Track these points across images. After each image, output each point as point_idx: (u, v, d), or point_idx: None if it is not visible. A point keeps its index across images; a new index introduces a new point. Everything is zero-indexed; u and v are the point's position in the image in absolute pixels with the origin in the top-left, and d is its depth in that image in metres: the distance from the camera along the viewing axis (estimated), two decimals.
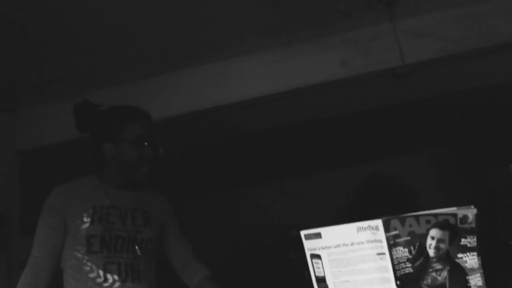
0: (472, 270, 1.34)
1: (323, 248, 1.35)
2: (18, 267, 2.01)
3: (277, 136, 3.51)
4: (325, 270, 1.35)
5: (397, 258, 1.29)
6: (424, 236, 1.30)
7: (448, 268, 1.33)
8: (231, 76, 2.80)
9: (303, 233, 1.38)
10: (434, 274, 1.31)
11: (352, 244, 1.32)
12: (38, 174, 2.93)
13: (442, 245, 1.32)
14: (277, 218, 4.47)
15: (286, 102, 2.97)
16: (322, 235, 1.35)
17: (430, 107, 3.34)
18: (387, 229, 1.28)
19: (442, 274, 1.32)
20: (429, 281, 1.31)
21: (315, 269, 1.36)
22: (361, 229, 1.30)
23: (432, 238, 1.32)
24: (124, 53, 2.49)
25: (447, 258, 1.33)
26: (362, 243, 1.30)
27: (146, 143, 1.96)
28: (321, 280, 1.36)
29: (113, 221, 1.97)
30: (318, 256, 1.36)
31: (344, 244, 1.32)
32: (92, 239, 1.92)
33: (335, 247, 1.33)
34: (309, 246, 1.37)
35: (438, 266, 1.32)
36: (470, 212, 1.34)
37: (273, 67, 2.76)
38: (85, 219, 1.93)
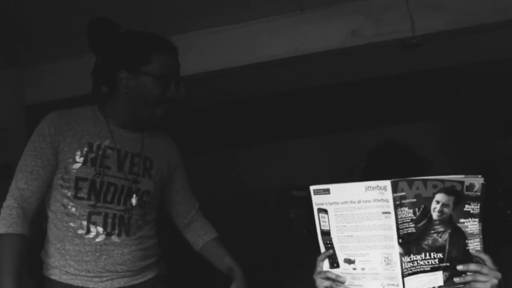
0: (472, 235, 1.38)
1: (331, 203, 1.40)
2: None
3: (284, 99, 3.51)
4: (330, 224, 1.40)
5: (402, 218, 1.32)
6: (430, 199, 1.33)
7: (449, 231, 1.35)
8: (241, 40, 2.78)
9: (312, 188, 1.44)
10: (435, 235, 1.34)
11: (359, 201, 1.35)
12: None
13: (446, 209, 1.35)
14: (279, 179, 4.51)
15: (295, 67, 2.95)
16: (331, 191, 1.40)
17: (438, 78, 3.33)
18: (394, 190, 1.31)
19: (443, 236, 1.34)
20: (430, 241, 1.34)
21: (321, 223, 1.42)
22: (369, 188, 1.34)
23: (437, 202, 1.34)
24: (133, 11, 2.42)
25: (450, 221, 1.35)
26: (369, 201, 1.34)
27: (172, 82, 1.73)
28: (326, 233, 1.41)
29: (107, 165, 1.74)
30: (325, 211, 1.41)
31: (351, 201, 1.36)
32: (81, 183, 1.70)
33: (342, 203, 1.38)
34: (317, 200, 1.43)
35: (440, 229, 1.34)
36: (477, 181, 1.37)
37: (283, 33, 2.74)
38: (77, 158, 1.70)
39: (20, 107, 3.04)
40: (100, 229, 1.73)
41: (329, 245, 1.42)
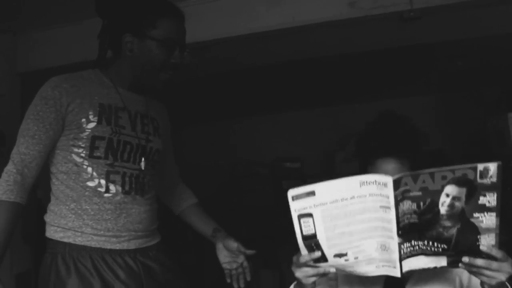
0: (488, 230, 1.25)
1: (316, 205, 1.26)
2: None
3: (279, 71, 3.50)
4: (316, 227, 1.27)
5: (403, 210, 1.23)
6: (438, 192, 1.22)
7: (458, 226, 1.25)
8: (239, 10, 2.75)
9: (290, 193, 1.27)
10: (440, 229, 1.25)
11: (352, 197, 1.25)
12: None
13: (457, 203, 1.23)
14: (273, 150, 4.53)
15: (292, 38, 2.93)
16: (317, 192, 1.26)
17: (434, 53, 3.32)
18: (397, 186, 1.21)
19: (449, 231, 1.25)
20: (434, 233, 1.25)
21: (303, 228, 1.28)
22: (365, 184, 1.23)
23: (447, 195, 1.23)
24: None
25: (461, 216, 1.24)
26: (364, 196, 1.24)
27: (177, 47, 1.73)
28: (310, 237, 1.29)
29: (122, 125, 1.75)
30: (308, 215, 1.27)
31: (342, 199, 1.25)
32: (98, 142, 1.70)
33: (331, 202, 1.26)
34: (297, 206, 1.27)
35: (447, 224, 1.25)
36: (492, 165, 1.22)
37: (281, 3, 2.71)
38: (91, 118, 1.70)
39: (14, 74, 3.01)
40: (119, 188, 1.74)
41: (315, 247, 1.30)
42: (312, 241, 1.29)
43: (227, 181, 4.56)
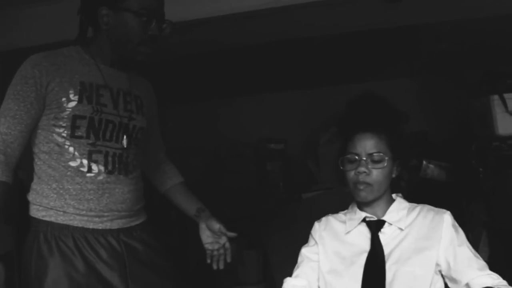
0: None
1: None
2: None
3: (263, 52, 3.48)
4: None
5: None
6: None
7: None
8: None
9: None
10: None
11: None
12: None
13: None
14: (257, 132, 4.52)
15: (276, 18, 2.91)
16: None
17: (418, 34, 3.32)
18: None
19: None
20: None
21: None
22: None
23: None
24: None
25: None
26: None
27: (154, 19, 1.69)
28: None
29: (103, 103, 1.73)
30: None
31: None
32: (79, 121, 1.68)
33: None
34: None
35: None
36: None
37: None
38: (71, 96, 1.68)
39: None
40: (102, 168, 1.73)
41: None
42: None
43: (211, 162, 4.56)
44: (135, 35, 1.69)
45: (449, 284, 1.71)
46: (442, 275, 1.72)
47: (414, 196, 1.90)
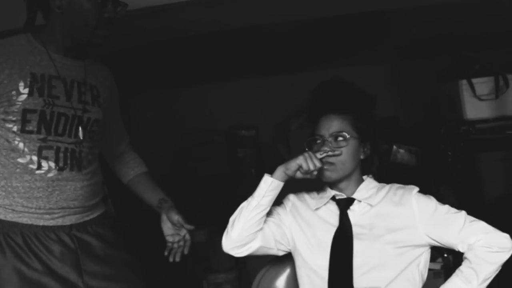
0: None
1: None
2: None
3: (232, 37, 3.44)
4: None
5: None
6: None
7: None
8: None
9: None
10: None
11: None
12: None
13: None
14: (228, 119, 4.50)
15: (241, 3, 2.87)
16: None
17: (389, 20, 3.33)
18: None
19: None
20: None
21: None
22: None
23: None
24: None
25: None
26: None
27: (110, 1, 1.64)
28: None
29: (56, 95, 1.66)
30: None
31: None
32: (30, 115, 1.62)
33: None
34: None
35: None
36: None
37: None
38: (21, 89, 1.61)
39: None
40: (52, 164, 1.67)
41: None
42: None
43: (181, 150, 4.52)
44: (91, 18, 1.62)
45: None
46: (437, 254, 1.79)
47: (385, 181, 1.92)
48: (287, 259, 1.96)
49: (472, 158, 3.32)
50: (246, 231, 1.78)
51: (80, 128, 1.72)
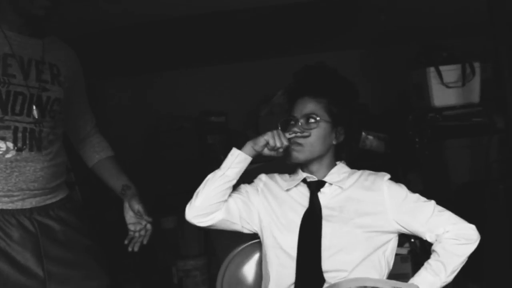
0: None
1: None
2: None
3: (202, 23, 3.41)
4: None
5: None
6: None
7: None
8: None
9: None
10: None
11: None
12: None
13: None
14: (197, 105, 4.48)
15: None
16: None
17: (358, 6, 3.34)
18: None
19: None
20: None
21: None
22: None
23: None
24: None
25: None
26: None
27: None
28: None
29: (12, 74, 1.62)
30: None
31: None
32: None
33: None
34: None
35: None
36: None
37: None
38: None
39: None
40: (10, 145, 1.63)
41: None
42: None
43: (151, 136, 4.48)
44: None
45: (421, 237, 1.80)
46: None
47: (353, 167, 1.93)
48: (255, 245, 1.96)
49: (439, 144, 3.37)
50: (210, 200, 1.78)
51: (34, 107, 1.66)
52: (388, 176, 1.85)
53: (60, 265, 1.73)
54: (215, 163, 1.88)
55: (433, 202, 1.79)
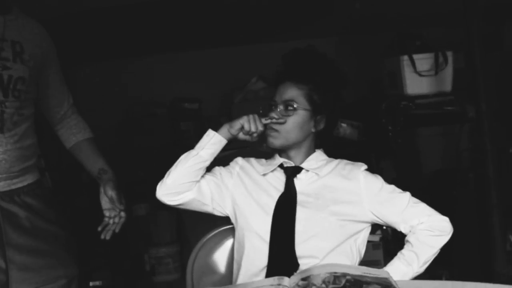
0: None
1: None
2: None
3: (175, 7, 3.37)
4: None
5: None
6: None
7: None
8: None
9: None
10: None
11: None
12: None
13: None
14: (170, 91, 4.44)
15: None
16: None
17: None
18: None
19: None
20: None
21: None
22: None
23: None
24: None
25: None
26: None
27: None
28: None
29: None
30: None
31: None
32: None
33: None
34: None
35: None
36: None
37: None
38: None
39: None
40: None
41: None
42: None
43: (123, 122, 4.43)
44: None
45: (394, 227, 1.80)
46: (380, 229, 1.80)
47: (328, 154, 1.93)
48: (227, 231, 1.95)
49: (412, 132, 3.39)
50: (181, 179, 1.76)
51: None
52: (365, 166, 1.84)
53: (22, 253, 1.67)
54: (188, 150, 1.85)
55: (408, 193, 1.79)
